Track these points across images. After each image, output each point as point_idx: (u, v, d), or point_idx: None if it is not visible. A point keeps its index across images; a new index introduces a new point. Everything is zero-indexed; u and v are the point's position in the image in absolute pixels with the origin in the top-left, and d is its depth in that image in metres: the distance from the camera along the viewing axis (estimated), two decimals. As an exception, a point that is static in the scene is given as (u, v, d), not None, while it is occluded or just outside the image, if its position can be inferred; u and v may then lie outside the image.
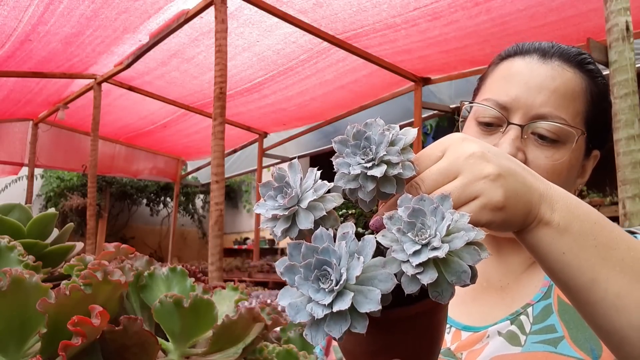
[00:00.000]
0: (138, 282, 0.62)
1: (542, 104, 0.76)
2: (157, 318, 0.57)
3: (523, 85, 0.78)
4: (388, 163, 0.44)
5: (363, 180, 0.45)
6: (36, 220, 0.71)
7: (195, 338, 0.60)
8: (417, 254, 0.40)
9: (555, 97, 0.77)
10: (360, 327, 0.38)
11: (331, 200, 0.45)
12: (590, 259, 0.48)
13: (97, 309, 0.44)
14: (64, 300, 0.45)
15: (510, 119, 0.77)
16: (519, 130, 0.76)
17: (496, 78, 0.83)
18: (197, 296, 0.57)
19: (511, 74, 0.80)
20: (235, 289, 0.71)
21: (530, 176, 0.50)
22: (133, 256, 0.68)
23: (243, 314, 0.58)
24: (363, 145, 0.46)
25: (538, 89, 0.77)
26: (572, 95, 0.78)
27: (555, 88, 0.77)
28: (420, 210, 0.41)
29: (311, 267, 0.40)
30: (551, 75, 0.78)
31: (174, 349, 0.59)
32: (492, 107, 0.78)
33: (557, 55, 0.81)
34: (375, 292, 0.39)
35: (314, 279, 0.40)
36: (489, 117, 0.79)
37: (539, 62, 0.80)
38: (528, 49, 0.82)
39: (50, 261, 0.69)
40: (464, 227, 0.41)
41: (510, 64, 0.82)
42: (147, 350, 0.50)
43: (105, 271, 0.50)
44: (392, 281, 0.39)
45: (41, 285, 0.48)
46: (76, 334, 0.42)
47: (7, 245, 0.59)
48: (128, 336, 0.48)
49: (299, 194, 0.46)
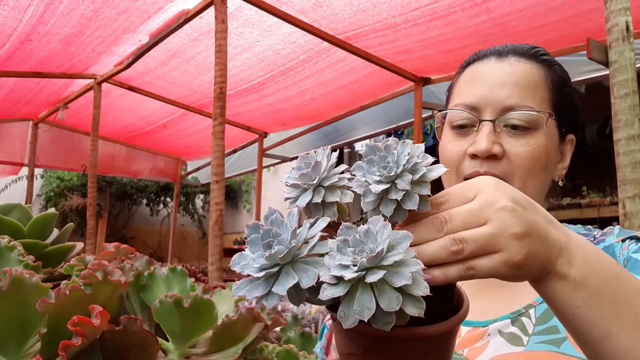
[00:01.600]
0: (138, 282, 0.62)
1: (508, 97, 0.80)
2: (157, 318, 0.57)
3: (486, 84, 0.82)
4: (395, 189, 0.44)
5: (366, 193, 0.45)
6: (36, 220, 0.71)
7: (195, 338, 0.60)
8: (345, 267, 0.40)
9: (519, 89, 0.81)
10: (292, 299, 0.41)
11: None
12: (604, 314, 0.48)
13: (97, 309, 0.44)
14: (64, 300, 0.45)
15: (481, 117, 0.81)
16: (491, 125, 0.80)
17: (461, 85, 0.88)
18: (197, 296, 0.57)
19: (473, 78, 0.85)
20: (235, 289, 0.71)
21: (553, 229, 0.50)
22: (133, 256, 0.68)
23: (243, 314, 0.59)
24: (386, 162, 0.46)
25: (500, 84, 0.81)
26: (534, 85, 0.82)
27: (516, 81, 0.82)
28: (372, 235, 0.41)
29: (262, 238, 0.43)
30: (510, 71, 0.83)
31: (174, 349, 0.59)
32: (462, 109, 0.83)
33: (512, 53, 0.85)
34: (312, 271, 0.41)
35: (265, 246, 0.42)
36: (462, 120, 0.83)
37: (496, 62, 0.85)
38: (485, 54, 0.88)
39: (50, 261, 0.69)
40: (409, 274, 0.40)
41: (471, 70, 0.88)
42: (147, 350, 0.50)
43: (105, 271, 0.50)
44: (314, 278, 0.40)
45: (41, 285, 0.48)
46: (76, 334, 0.42)
47: (7, 245, 0.59)
48: (128, 336, 0.48)
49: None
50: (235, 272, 0.43)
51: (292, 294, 0.42)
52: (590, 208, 5.21)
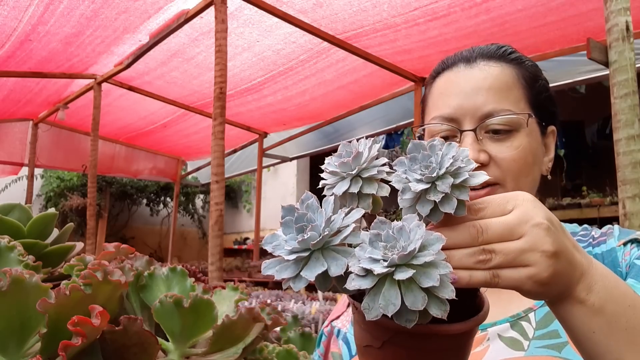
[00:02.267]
0: (138, 282, 0.62)
1: (484, 103, 0.80)
2: (157, 318, 0.57)
3: (460, 94, 0.81)
4: (435, 190, 0.45)
5: (405, 190, 0.46)
6: (36, 220, 0.71)
7: (195, 338, 0.60)
8: (375, 261, 0.40)
9: (493, 93, 0.80)
10: (319, 285, 0.42)
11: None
12: (619, 341, 0.49)
13: (97, 309, 0.44)
14: (64, 300, 0.45)
15: (461, 127, 0.80)
16: (473, 134, 0.79)
17: (434, 96, 0.86)
18: (197, 296, 0.57)
19: (446, 88, 0.84)
20: (235, 289, 0.72)
21: (578, 253, 0.50)
22: (133, 256, 0.68)
23: (243, 314, 0.59)
24: (429, 161, 0.46)
25: (474, 91, 0.81)
26: (507, 86, 0.82)
27: (490, 85, 0.81)
28: (406, 233, 0.42)
29: (297, 221, 0.44)
30: (481, 76, 0.82)
31: (174, 349, 0.59)
32: (441, 122, 0.82)
33: (480, 57, 0.84)
34: (341, 261, 0.41)
35: (298, 230, 0.43)
36: (442, 133, 0.82)
37: (465, 68, 0.84)
38: (453, 61, 0.87)
39: (50, 261, 0.69)
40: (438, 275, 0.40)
41: (442, 80, 0.86)
42: (147, 350, 0.50)
43: (105, 271, 0.50)
44: (342, 267, 0.41)
45: (41, 285, 0.48)
46: (76, 334, 0.42)
47: (7, 245, 0.59)
48: (128, 336, 0.48)
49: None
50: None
51: (320, 280, 0.42)
52: (590, 208, 5.21)
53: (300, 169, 10.67)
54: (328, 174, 0.49)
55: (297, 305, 3.27)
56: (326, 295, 4.04)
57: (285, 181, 10.83)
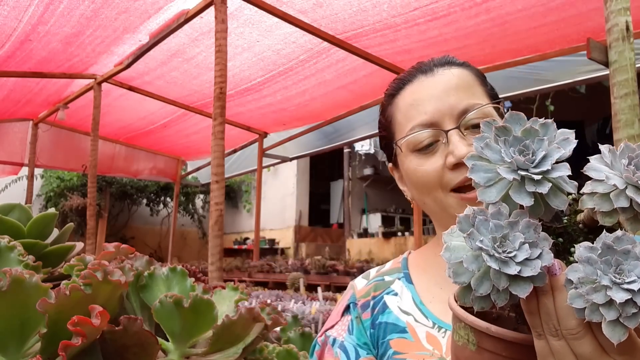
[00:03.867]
0: (138, 282, 0.62)
1: (458, 101, 0.80)
2: (157, 318, 0.57)
3: (431, 99, 0.82)
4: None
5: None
6: (36, 220, 0.71)
7: (195, 338, 0.60)
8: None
9: (462, 91, 0.82)
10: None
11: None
12: None
13: (97, 309, 0.44)
14: (64, 300, 0.45)
15: (444, 128, 0.80)
16: (458, 131, 0.79)
17: (403, 111, 0.86)
18: (197, 296, 0.57)
19: (414, 99, 0.84)
20: (235, 289, 0.71)
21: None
22: (133, 256, 0.68)
23: (243, 314, 0.59)
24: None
25: (445, 93, 0.81)
26: (469, 84, 0.83)
27: (456, 85, 0.82)
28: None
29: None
30: (444, 79, 0.83)
31: (174, 349, 0.59)
32: (422, 129, 0.81)
33: (434, 66, 0.86)
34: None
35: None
36: (426, 139, 0.81)
37: (426, 77, 0.85)
38: (410, 75, 0.87)
39: (50, 261, 0.69)
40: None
41: (406, 94, 0.86)
42: (147, 350, 0.50)
43: (105, 271, 0.50)
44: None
45: (41, 285, 0.48)
46: (76, 334, 0.42)
47: (7, 245, 0.59)
48: (128, 336, 0.48)
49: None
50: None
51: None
52: (590, 208, 5.20)
53: (300, 169, 10.67)
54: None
55: (297, 305, 3.27)
56: (326, 295, 4.04)
57: (285, 181, 10.83)
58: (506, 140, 0.45)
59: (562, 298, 0.42)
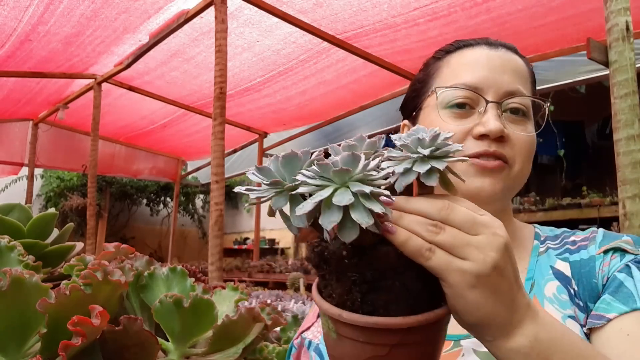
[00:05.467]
0: (138, 282, 0.62)
1: (510, 82, 0.80)
2: (157, 318, 0.57)
3: (486, 67, 0.80)
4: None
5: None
6: (36, 220, 0.71)
7: (195, 338, 0.60)
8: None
9: (518, 76, 0.81)
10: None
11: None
12: None
13: (97, 309, 0.44)
14: (64, 300, 0.45)
15: (486, 98, 0.79)
16: (498, 106, 0.78)
17: (453, 67, 0.84)
18: (197, 296, 0.57)
19: (469, 61, 0.83)
20: (235, 289, 0.71)
21: (521, 295, 0.48)
22: (133, 256, 0.68)
23: (243, 314, 0.59)
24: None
25: (501, 69, 0.80)
26: (525, 76, 0.83)
27: (514, 68, 0.81)
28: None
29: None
30: (507, 58, 0.82)
31: (174, 349, 0.59)
32: (465, 87, 0.79)
33: (500, 45, 0.85)
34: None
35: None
36: (462, 99, 0.79)
37: (489, 50, 0.83)
38: (476, 42, 0.85)
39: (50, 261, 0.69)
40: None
41: (463, 54, 0.85)
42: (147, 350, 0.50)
43: (105, 271, 0.50)
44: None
45: (41, 285, 0.48)
46: (76, 334, 0.42)
47: (7, 245, 0.59)
48: (128, 336, 0.48)
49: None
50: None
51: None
52: (590, 208, 5.20)
53: (300, 169, 10.64)
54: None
55: (297, 305, 3.26)
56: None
57: (285, 181, 10.81)
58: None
59: (417, 201, 0.47)
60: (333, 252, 0.45)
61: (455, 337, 0.75)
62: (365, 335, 0.44)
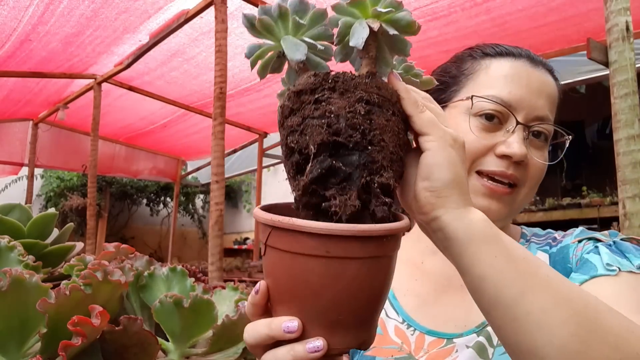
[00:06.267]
0: (138, 282, 0.62)
1: (542, 107, 0.80)
2: (157, 318, 0.57)
3: (525, 87, 0.80)
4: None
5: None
6: (36, 220, 0.71)
7: (195, 338, 0.60)
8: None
9: (550, 102, 0.82)
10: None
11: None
12: (520, 270, 0.48)
13: (97, 309, 0.44)
14: (64, 300, 0.45)
15: (516, 117, 0.79)
16: (526, 129, 0.79)
17: (492, 76, 0.83)
18: (197, 296, 0.57)
19: (511, 74, 0.82)
20: (235, 289, 0.72)
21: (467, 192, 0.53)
22: (133, 256, 0.68)
23: (243, 314, 0.59)
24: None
25: (538, 92, 0.80)
26: (555, 102, 0.84)
27: (549, 93, 0.82)
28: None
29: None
30: (545, 80, 0.82)
31: (174, 349, 0.59)
32: (501, 103, 0.79)
33: (541, 63, 0.85)
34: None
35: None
36: (493, 112, 0.80)
37: (531, 66, 0.83)
38: (519, 53, 0.85)
39: (50, 261, 0.69)
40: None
41: (504, 64, 0.83)
42: (147, 350, 0.50)
43: (105, 271, 0.50)
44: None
45: (41, 285, 0.48)
46: (76, 334, 0.42)
47: (7, 245, 0.59)
48: (128, 336, 0.48)
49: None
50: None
51: None
52: (590, 208, 5.20)
53: (300, 169, 10.63)
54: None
55: (297, 305, 3.26)
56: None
57: (285, 181, 10.80)
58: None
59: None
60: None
61: (449, 335, 0.78)
62: (292, 243, 0.45)
